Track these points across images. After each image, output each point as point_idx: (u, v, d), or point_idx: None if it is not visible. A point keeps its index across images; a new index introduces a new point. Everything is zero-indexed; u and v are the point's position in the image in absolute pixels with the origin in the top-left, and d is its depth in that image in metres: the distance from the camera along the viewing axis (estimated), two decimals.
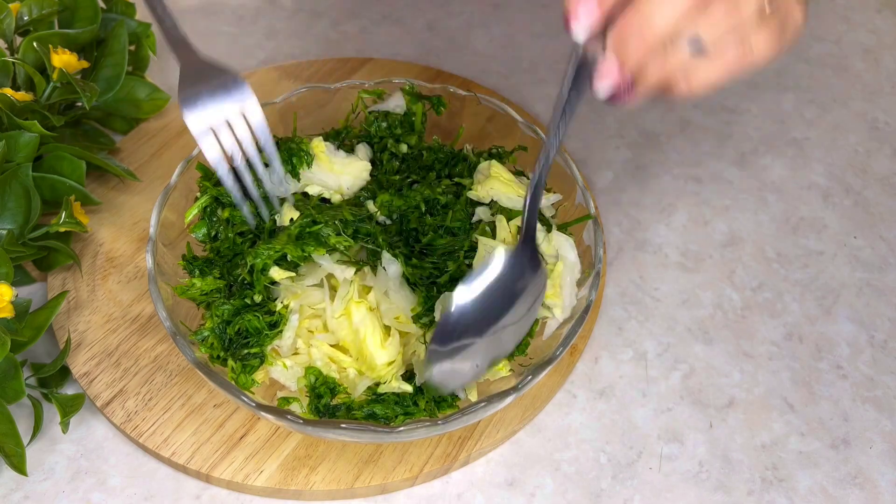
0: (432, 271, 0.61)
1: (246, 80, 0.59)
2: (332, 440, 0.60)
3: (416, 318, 0.60)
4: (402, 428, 0.53)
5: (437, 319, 0.59)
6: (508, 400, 0.55)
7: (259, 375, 0.60)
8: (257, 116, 0.60)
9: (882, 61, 0.91)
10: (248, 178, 0.61)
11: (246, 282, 0.60)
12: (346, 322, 0.59)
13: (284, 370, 0.59)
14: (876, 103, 0.87)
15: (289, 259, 0.60)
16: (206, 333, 0.59)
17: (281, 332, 0.59)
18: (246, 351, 0.59)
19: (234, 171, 0.60)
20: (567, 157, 0.66)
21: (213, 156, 0.59)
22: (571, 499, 0.60)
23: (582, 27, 0.44)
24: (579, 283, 0.62)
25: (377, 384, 0.58)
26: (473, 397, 0.59)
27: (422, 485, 0.61)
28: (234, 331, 0.59)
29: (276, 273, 0.60)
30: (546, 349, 0.60)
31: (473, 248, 0.62)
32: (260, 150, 0.61)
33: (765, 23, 0.44)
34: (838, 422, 0.65)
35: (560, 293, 0.61)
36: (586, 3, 0.43)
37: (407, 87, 0.70)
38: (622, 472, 0.61)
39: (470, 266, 0.61)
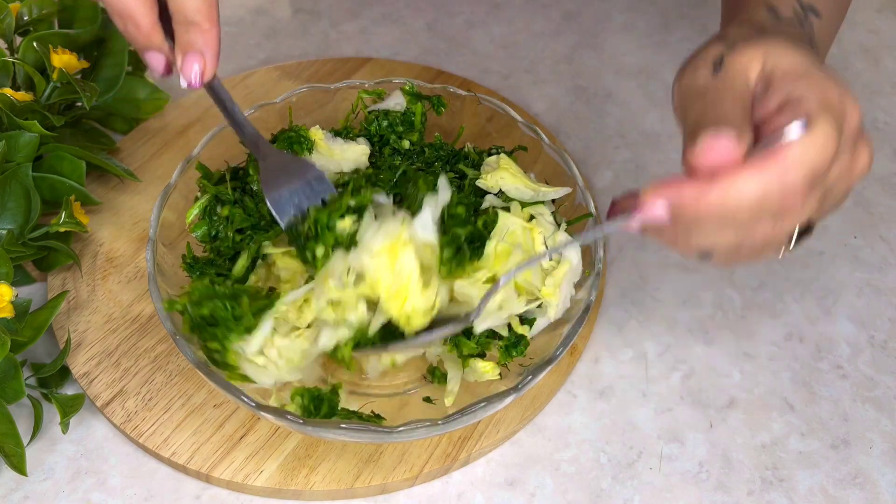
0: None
1: (324, 172, 0.60)
2: (332, 440, 0.60)
3: (443, 261, 0.56)
4: (402, 428, 0.53)
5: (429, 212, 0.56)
6: (508, 400, 0.55)
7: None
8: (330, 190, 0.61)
9: (882, 61, 0.91)
10: None
11: (311, 234, 0.56)
12: (386, 261, 0.55)
13: (255, 368, 0.55)
14: (876, 103, 0.87)
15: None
16: (178, 306, 0.55)
17: (249, 332, 0.54)
18: (208, 344, 0.54)
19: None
20: (567, 157, 0.66)
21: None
22: (571, 499, 0.60)
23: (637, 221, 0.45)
24: (578, 285, 0.62)
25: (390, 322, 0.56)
26: (450, 401, 0.59)
27: (422, 485, 0.61)
28: (201, 313, 0.54)
29: (345, 223, 0.56)
30: (546, 349, 0.60)
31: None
32: None
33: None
34: (838, 422, 0.65)
35: (557, 292, 0.61)
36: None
37: (407, 87, 0.70)
38: (622, 472, 0.61)
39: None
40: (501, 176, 0.64)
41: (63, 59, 0.70)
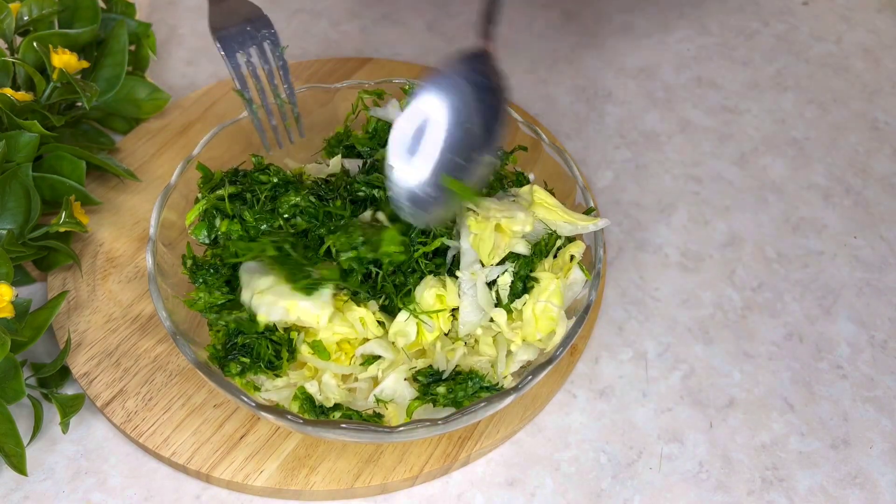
0: None
1: (267, 15, 0.65)
2: (332, 440, 0.60)
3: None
4: (402, 428, 0.53)
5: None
6: (508, 400, 0.55)
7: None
8: (276, 44, 0.66)
9: (882, 61, 0.91)
10: (267, 101, 0.65)
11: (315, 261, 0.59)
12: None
13: (273, 390, 0.59)
14: (876, 103, 0.87)
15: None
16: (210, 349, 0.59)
17: (277, 376, 0.59)
18: (236, 366, 0.58)
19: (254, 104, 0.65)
20: (567, 157, 0.66)
21: (240, 75, 0.64)
22: (571, 499, 0.60)
23: None
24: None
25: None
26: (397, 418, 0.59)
27: (422, 485, 0.61)
28: (242, 342, 0.59)
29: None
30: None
31: None
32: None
33: None
34: (838, 422, 0.65)
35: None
36: None
37: (407, 87, 0.70)
38: (622, 472, 0.61)
39: None
40: (538, 213, 0.61)
41: (63, 59, 0.70)
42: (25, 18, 0.74)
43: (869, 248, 0.75)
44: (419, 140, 0.53)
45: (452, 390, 0.57)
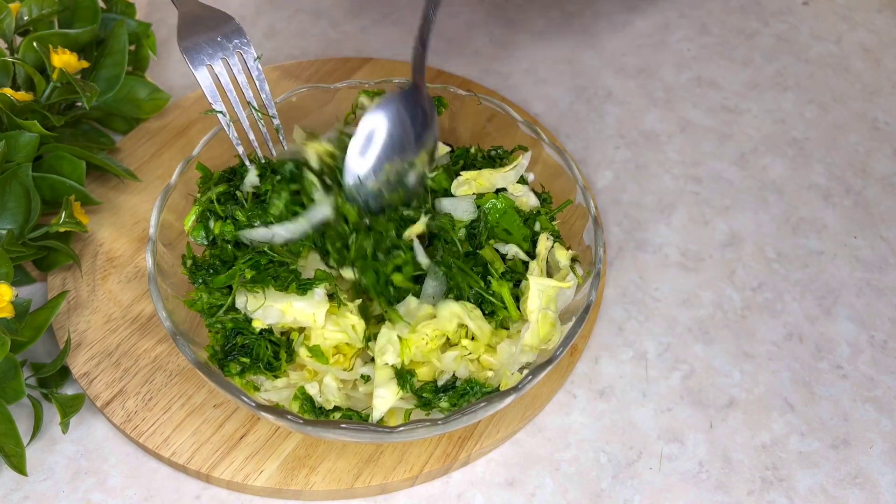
0: None
1: (241, 26, 0.63)
2: (332, 440, 0.60)
3: None
4: (401, 428, 0.53)
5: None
6: (508, 400, 0.55)
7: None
8: (251, 59, 0.63)
9: (882, 61, 0.91)
10: (244, 117, 0.64)
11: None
12: None
13: (272, 390, 0.59)
14: (876, 103, 0.87)
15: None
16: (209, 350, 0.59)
17: (276, 377, 0.59)
18: (236, 366, 0.59)
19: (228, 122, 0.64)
20: (567, 157, 0.66)
21: (211, 93, 0.62)
22: (571, 499, 0.60)
23: None
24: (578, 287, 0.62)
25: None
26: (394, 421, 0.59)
27: (422, 485, 0.61)
28: (241, 342, 0.59)
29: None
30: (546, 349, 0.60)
31: None
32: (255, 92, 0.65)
33: None
34: (838, 422, 0.65)
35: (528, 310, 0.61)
36: None
37: (407, 87, 0.70)
38: (622, 472, 0.61)
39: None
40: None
41: (63, 59, 0.70)
42: (25, 18, 0.74)
43: (869, 248, 0.75)
44: (369, 146, 0.62)
45: (456, 404, 0.57)
